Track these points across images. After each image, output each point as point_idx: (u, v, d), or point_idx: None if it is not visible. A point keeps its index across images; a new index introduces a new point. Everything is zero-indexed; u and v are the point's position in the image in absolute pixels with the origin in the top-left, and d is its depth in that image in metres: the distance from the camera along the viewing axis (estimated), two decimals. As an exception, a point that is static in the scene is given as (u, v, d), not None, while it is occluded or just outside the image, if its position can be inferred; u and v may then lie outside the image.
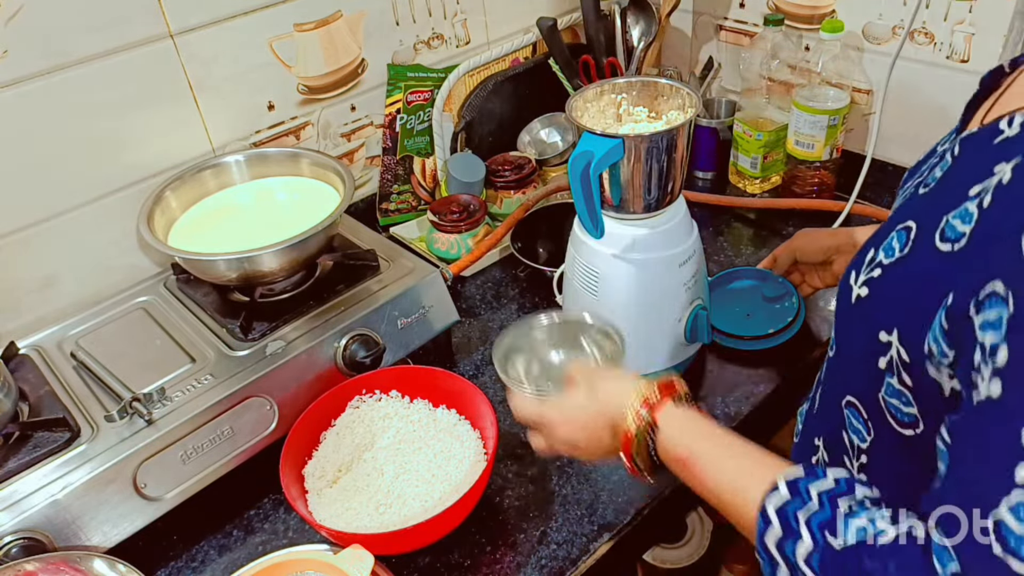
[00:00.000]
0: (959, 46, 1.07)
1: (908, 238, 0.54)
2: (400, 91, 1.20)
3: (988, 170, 0.48)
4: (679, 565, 1.40)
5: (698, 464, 0.59)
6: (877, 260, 0.57)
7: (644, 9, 1.28)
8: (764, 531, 0.50)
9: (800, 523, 0.48)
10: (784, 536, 0.49)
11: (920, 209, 0.55)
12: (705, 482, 0.59)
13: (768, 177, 1.26)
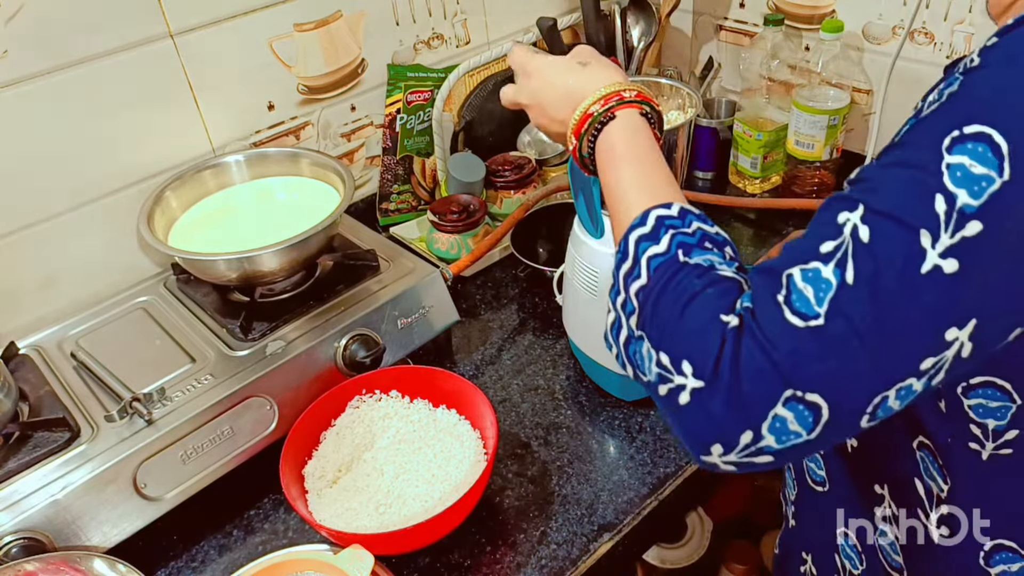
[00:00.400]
0: (959, 46, 1.07)
1: None
2: (400, 91, 1.21)
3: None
4: (679, 565, 1.40)
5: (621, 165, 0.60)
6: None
7: (644, 9, 1.28)
8: (635, 226, 0.54)
9: (665, 234, 0.52)
10: (647, 236, 0.52)
11: None
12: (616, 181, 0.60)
13: (768, 177, 1.26)
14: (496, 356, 1.01)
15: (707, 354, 0.45)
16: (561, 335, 1.01)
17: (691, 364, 0.46)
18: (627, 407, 0.90)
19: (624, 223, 0.56)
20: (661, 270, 0.50)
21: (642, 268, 0.51)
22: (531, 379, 0.97)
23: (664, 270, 0.50)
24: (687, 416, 0.47)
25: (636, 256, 0.52)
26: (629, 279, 0.52)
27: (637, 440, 0.87)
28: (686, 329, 0.47)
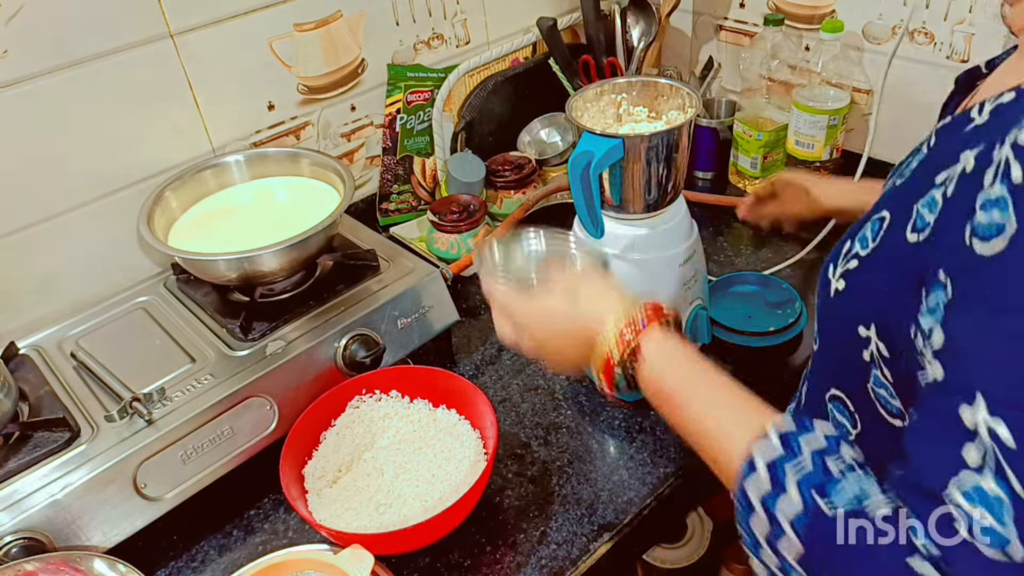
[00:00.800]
0: (959, 46, 1.07)
1: (881, 227, 0.54)
2: (400, 91, 1.21)
3: (955, 157, 0.48)
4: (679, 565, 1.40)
5: (683, 402, 0.56)
6: (853, 252, 0.56)
7: (644, 9, 1.28)
8: (747, 477, 0.49)
9: (789, 480, 0.46)
10: (771, 490, 0.47)
11: (894, 199, 0.55)
12: (688, 421, 0.56)
13: (768, 177, 1.26)
14: (496, 356, 1.01)
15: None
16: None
17: None
18: (627, 407, 0.90)
19: (728, 469, 0.51)
20: (815, 535, 0.45)
21: (787, 531, 0.46)
22: (531, 379, 0.97)
23: (818, 534, 0.45)
24: None
25: (771, 516, 0.47)
26: (775, 542, 0.47)
27: (637, 440, 0.87)
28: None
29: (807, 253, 1.11)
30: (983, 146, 0.46)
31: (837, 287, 0.57)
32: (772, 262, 1.11)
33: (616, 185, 0.81)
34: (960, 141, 0.49)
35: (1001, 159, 0.43)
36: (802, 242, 1.13)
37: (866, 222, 0.56)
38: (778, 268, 1.09)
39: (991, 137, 0.45)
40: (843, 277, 0.57)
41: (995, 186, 0.43)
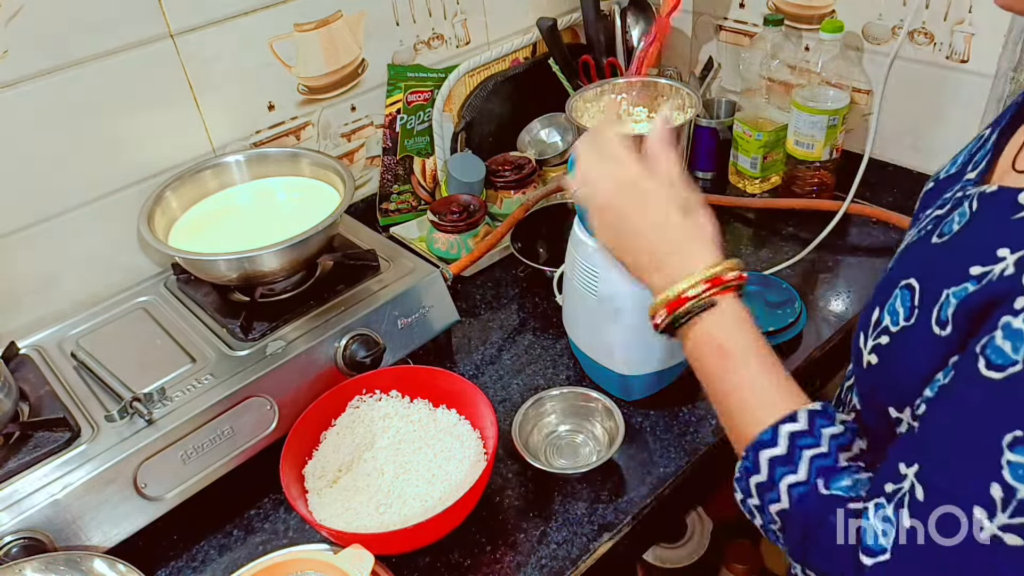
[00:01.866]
0: (959, 46, 1.07)
1: (912, 303, 0.52)
2: (400, 91, 1.21)
3: (993, 252, 0.47)
4: (679, 565, 1.40)
5: (736, 364, 0.57)
6: (883, 324, 0.55)
7: (644, 9, 1.28)
8: (765, 444, 0.54)
9: (803, 459, 0.52)
10: (783, 459, 0.53)
11: (926, 265, 0.54)
12: (732, 383, 0.57)
13: (768, 177, 1.26)
14: (496, 356, 1.01)
15: None
16: (561, 335, 1.01)
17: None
18: (627, 407, 0.90)
19: (745, 432, 0.56)
20: (804, 505, 0.52)
21: (782, 493, 0.53)
22: (531, 379, 0.97)
23: (807, 506, 0.52)
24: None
25: (772, 478, 0.54)
26: (765, 496, 0.54)
27: (637, 440, 0.87)
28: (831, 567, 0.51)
29: (807, 253, 1.11)
30: None
31: (869, 361, 0.56)
32: (772, 262, 1.11)
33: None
34: (1003, 230, 0.48)
35: None
36: (802, 242, 1.13)
37: (894, 287, 0.55)
38: (778, 268, 1.09)
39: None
40: (874, 351, 0.55)
41: (1020, 318, 0.43)
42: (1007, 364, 0.43)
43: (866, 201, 1.18)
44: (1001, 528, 0.43)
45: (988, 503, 0.43)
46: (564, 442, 0.89)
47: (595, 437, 0.88)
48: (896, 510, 0.47)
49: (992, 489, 0.43)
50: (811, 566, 0.53)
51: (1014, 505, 0.42)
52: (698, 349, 0.59)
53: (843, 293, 1.06)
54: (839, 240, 1.14)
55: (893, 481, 0.48)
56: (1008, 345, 0.43)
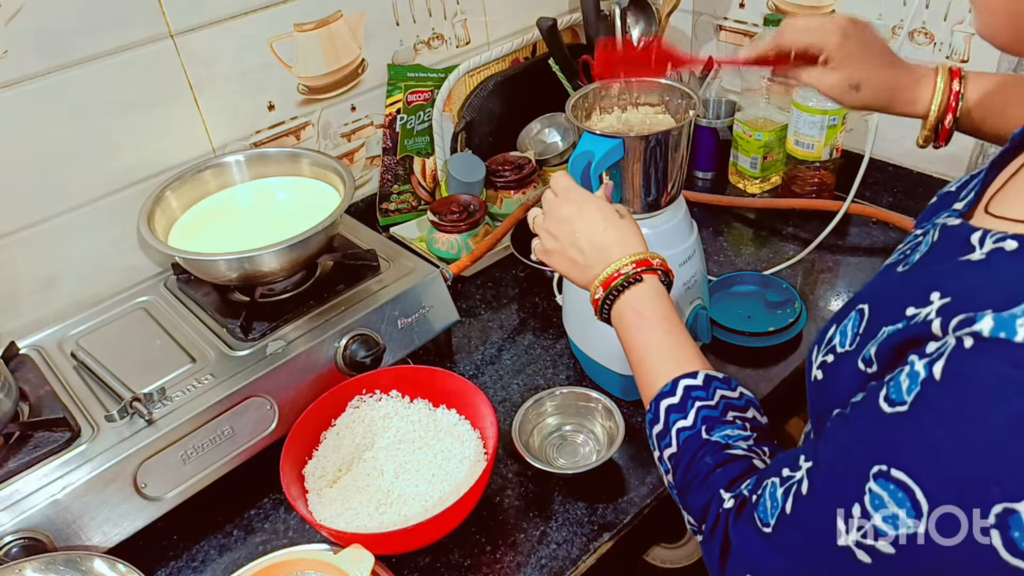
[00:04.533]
0: (959, 46, 1.07)
1: (859, 330, 0.53)
2: (400, 91, 1.21)
3: (927, 294, 0.47)
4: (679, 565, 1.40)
5: (649, 327, 0.66)
6: (833, 344, 0.56)
7: (644, 9, 1.28)
8: (664, 394, 0.62)
9: (693, 407, 0.60)
10: (677, 407, 0.61)
11: (880, 294, 0.55)
12: (645, 343, 0.66)
13: (768, 177, 1.26)
14: (496, 356, 1.01)
15: (708, 523, 0.57)
16: (561, 335, 1.01)
17: (699, 525, 0.58)
18: (627, 407, 0.90)
19: (653, 386, 0.64)
20: (687, 444, 0.60)
21: (672, 438, 0.61)
22: (531, 379, 0.97)
23: (689, 445, 0.60)
24: (709, 566, 0.58)
25: (667, 425, 0.61)
26: (662, 443, 0.62)
27: (637, 440, 0.87)
28: (698, 501, 0.58)
29: (807, 253, 1.11)
30: (950, 300, 0.45)
31: (816, 375, 0.58)
32: (772, 262, 1.11)
33: (616, 185, 0.81)
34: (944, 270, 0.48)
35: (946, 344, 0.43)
36: (802, 242, 1.13)
37: (852, 309, 0.56)
38: (778, 268, 1.09)
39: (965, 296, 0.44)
40: (821, 367, 0.57)
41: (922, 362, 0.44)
42: (898, 402, 0.44)
43: (866, 201, 1.18)
44: (855, 544, 0.46)
45: (847, 517, 0.46)
46: (564, 442, 0.89)
47: (595, 437, 0.88)
48: (784, 495, 0.51)
49: (854, 508, 0.46)
50: (687, 505, 0.59)
51: (868, 529, 0.45)
52: (623, 317, 0.67)
53: (843, 293, 1.06)
54: (839, 240, 1.14)
55: (791, 468, 0.52)
56: (906, 384, 0.44)
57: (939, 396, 0.43)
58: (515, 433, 0.84)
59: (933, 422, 0.43)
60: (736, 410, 0.61)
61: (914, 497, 0.43)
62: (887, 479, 0.44)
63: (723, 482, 0.57)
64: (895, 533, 0.44)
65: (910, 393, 0.44)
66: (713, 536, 0.56)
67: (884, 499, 0.44)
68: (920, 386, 0.43)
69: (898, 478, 0.43)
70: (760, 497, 0.53)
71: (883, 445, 0.45)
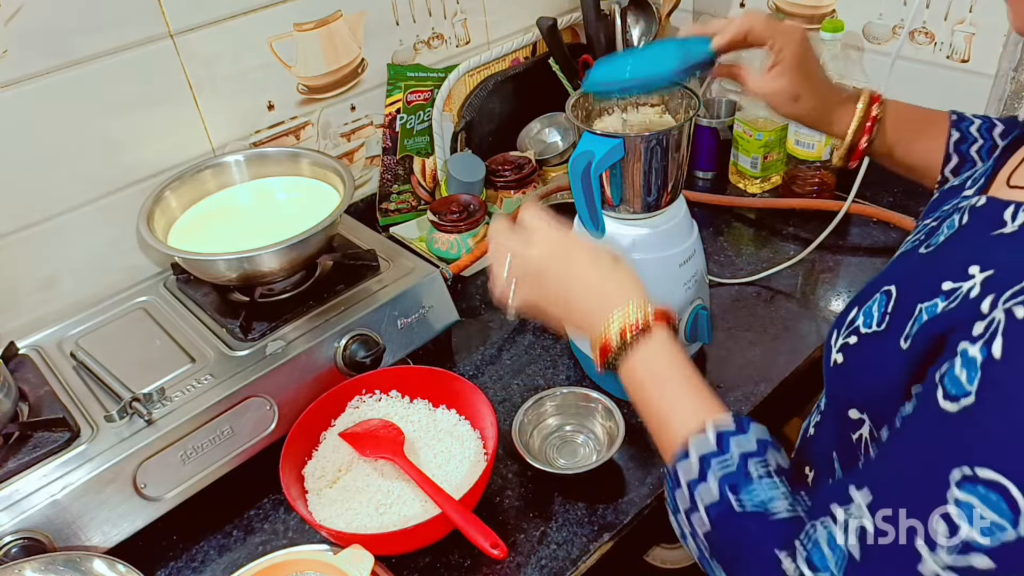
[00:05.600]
0: (959, 46, 1.07)
1: (886, 310, 0.52)
2: (400, 91, 1.20)
3: (965, 269, 0.46)
4: (679, 565, 1.40)
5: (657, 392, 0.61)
6: (855, 325, 0.55)
7: (644, 9, 1.28)
8: (680, 461, 0.56)
9: (711, 475, 0.53)
10: (696, 479, 0.54)
11: (907, 274, 0.54)
12: (653, 407, 0.61)
13: (768, 177, 1.26)
14: (496, 356, 1.01)
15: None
16: (561, 335, 1.01)
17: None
18: (627, 407, 0.90)
19: (667, 447, 0.58)
20: (722, 521, 0.53)
21: (702, 513, 0.54)
22: (531, 379, 0.97)
23: (724, 522, 0.52)
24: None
25: (692, 498, 0.54)
26: (691, 516, 0.55)
27: (637, 440, 0.87)
28: None
29: (808, 253, 1.11)
30: (993, 272, 0.44)
31: (836, 359, 0.56)
32: (772, 262, 1.11)
33: (616, 185, 0.81)
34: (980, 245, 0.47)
35: (994, 320, 0.42)
36: (803, 242, 1.13)
37: (876, 291, 0.55)
38: (778, 268, 1.09)
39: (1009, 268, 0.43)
40: (841, 350, 0.55)
41: (976, 346, 0.42)
42: (961, 395, 0.42)
43: (867, 201, 1.18)
44: (944, 567, 0.42)
45: (931, 540, 0.42)
46: (564, 442, 0.89)
47: (595, 437, 0.88)
48: (844, 535, 0.46)
49: (935, 523, 0.42)
50: None
51: (957, 544, 0.41)
52: (629, 380, 0.63)
53: (844, 293, 1.06)
54: (840, 240, 1.14)
55: (840, 503, 0.47)
56: (964, 374, 0.42)
57: (1006, 374, 0.40)
58: (515, 433, 0.84)
59: (1007, 404, 0.40)
60: (756, 460, 0.54)
61: (1009, 495, 0.39)
62: (973, 482, 0.40)
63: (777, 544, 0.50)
64: (992, 544, 0.40)
65: (972, 382, 0.41)
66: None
67: (974, 505, 0.40)
68: (981, 371, 0.41)
69: (986, 478, 0.40)
70: (813, 547, 0.47)
71: (958, 445, 0.41)
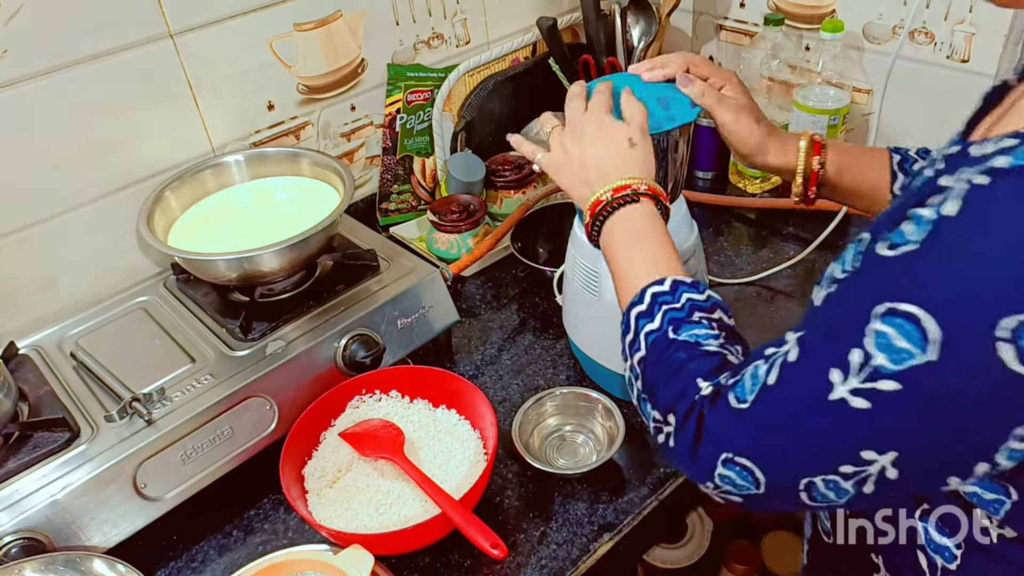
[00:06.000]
0: (959, 46, 1.07)
1: (860, 250, 0.53)
2: (400, 91, 1.20)
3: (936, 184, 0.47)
4: (679, 565, 1.40)
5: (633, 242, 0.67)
6: (833, 275, 0.56)
7: (644, 9, 1.28)
8: (635, 304, 0.63)
9: (659, 311, 0.61)
10: (644, 313, 0.61)
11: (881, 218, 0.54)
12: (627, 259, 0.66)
13: (768, 177, 1.26)
14: (496, 356, 1.01)
15: (681, 411, 0.56)
16: (561, 335, 1.01)
17: (673, 416, 0.57)
18: (627, 407, 0.90)
19: (627, 299, 0.64)
20: (655, 345, 0.60)
21: (641, 342, 0.61)
22: (531, 379, 0.97)
23: (657, 345, 0.60)
24: (672, 456, 0.58)
25: (636, 331, 0.62)
26: (632, 350, 0.62)
27: (637, 440, 0.87)
28: (669, 393, 0.58)
29: (808, 253, 1.11)
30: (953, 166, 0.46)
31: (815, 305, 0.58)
32: (772, 262, 1.11)
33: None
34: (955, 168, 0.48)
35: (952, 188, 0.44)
36: (803, 242, 1.13)
37: (850, 241, 0.56)
38: (778, 268, 1.09)
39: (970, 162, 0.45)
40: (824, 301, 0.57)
41: (929, 209, 0.45)
42: (903, 243, 0.45)
43: (866, 201, 1.18)
44: (851, 392, 0.46)
45: (844, 367, 0.46)
46: (564, 442, 0.89)
47: (595, 437, 0.88)
48: (768, 370, 0.51)
49: (851, 355, 0.46)
50: (656, 400, 0.59)
51: (868, 371, 0.45)
52: (614, 233, 0.68)
53: (843, 293, 1.06)
54: (840, 240, 1.14)
55: (777, 346, 0.53)
56: (911, 228, 0.45)
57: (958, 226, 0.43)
58: (515, 433, 0.84)
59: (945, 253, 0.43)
60: (702, 311, 0.61)
61: (922, 327, 0.43)
62: (894, 314, 0.44)
63: (699, 372, 0.57)
64: (900, 368, 0.44)
65: (918, 235, 0.44)
66: (686, 424, 0.56)
67: (891, 335, 0.44)
68: (932, 225, 0.44)
69: (907, 311, 0.44)
70: (739, 381, 0.53)
71: (888, 284, 0.45)
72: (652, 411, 0.60)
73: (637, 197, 0.68)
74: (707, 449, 0.54)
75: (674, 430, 0.57)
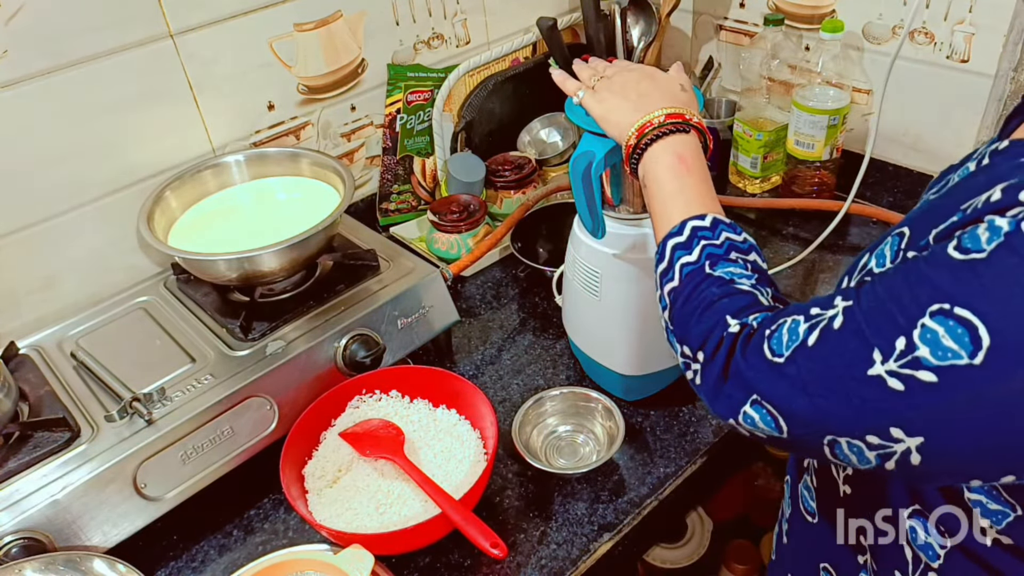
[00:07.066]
0: (959, 46, 1.07)
1: (899, 247, 0.53)
2: (400, 91, 1.21)
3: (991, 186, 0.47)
4: (679, 565, 1.40)
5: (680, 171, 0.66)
6: (868, 267, 0.56)
7: (644, 9, 1.28)
8: (672, 235, 0.63)
9: (698, 245, 0.61)
10: (682, 244, 0.62)
11: (919, 215, 0.55)
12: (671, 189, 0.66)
13: (768, 177, 1.26)
14: (496, 356, 1.01)
15: (710, 348, 0.57)
16: (561, 335, 1.01)
17: (702, 352, 0.57)
18: (627, 407, 0.90)
19: (665, 229, 0.64)
20: (690, 277, 0.60)
21: (676, 272, 0.61)
22: (531, 379, 0.97)
23: (692, 278, 0.60)
24: (701, 392, 0.59)
25: (671, 261, 0.62)
26: (664, 280, 0.62)
27: (637, 440, 0.87)
28: (699, 328, 0.58)
29: (808, 253, 1.11)
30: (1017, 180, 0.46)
31: None
32: (773, 262, 1.11)
33: (617, 185, 0.81)
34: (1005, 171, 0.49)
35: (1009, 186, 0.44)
36: (803, 242, 1.13)
37: (888, 235, 0.57)
38: (778, 269, 1.09)
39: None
40: None
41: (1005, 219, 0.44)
42: (974, 250, 0.45)
43: (866, 201, 1.18)
44: (888, 372, 0.46)
45: (888, 350, 0.47)
46: (564, 442, 0.89)
47: (595, 437, 0.88)
48: (809, 330, 0.51)
49: (897, 341, 0.46)
50: (685, 335, 0.59)
51: (908, 359, 0.46)
52: (661, 162, 0.67)
53: (843, 293, 1.06)
54: (840, 240, 1.14)
55: (822, 308, 0.52)
56: (985, 236, 0.44)
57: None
58: (515, 433, 0.84)
59: (1014, 269, 0.43)
60: (739, 252, 0.61)
61: (976, 333, 0.43)
62: (947, 316, 0.44)
63: (729, 310, 0.57)
64: (940, 364, 0.44)
65: (991, 243, 0.44)
66: (714, 358, 0.56)
67: (939, 334, 0.44)
68: (1004, 237, 0.44)
69: (961, 315, 0.44)
70: (775, 332, 0.53)
71: (949, 286, 0.45)
72: (680, 346, 0.60)
73: (688, 128, 0.68)
74: (735, 389, 0.54)
75: (701, 366, 0.57)
